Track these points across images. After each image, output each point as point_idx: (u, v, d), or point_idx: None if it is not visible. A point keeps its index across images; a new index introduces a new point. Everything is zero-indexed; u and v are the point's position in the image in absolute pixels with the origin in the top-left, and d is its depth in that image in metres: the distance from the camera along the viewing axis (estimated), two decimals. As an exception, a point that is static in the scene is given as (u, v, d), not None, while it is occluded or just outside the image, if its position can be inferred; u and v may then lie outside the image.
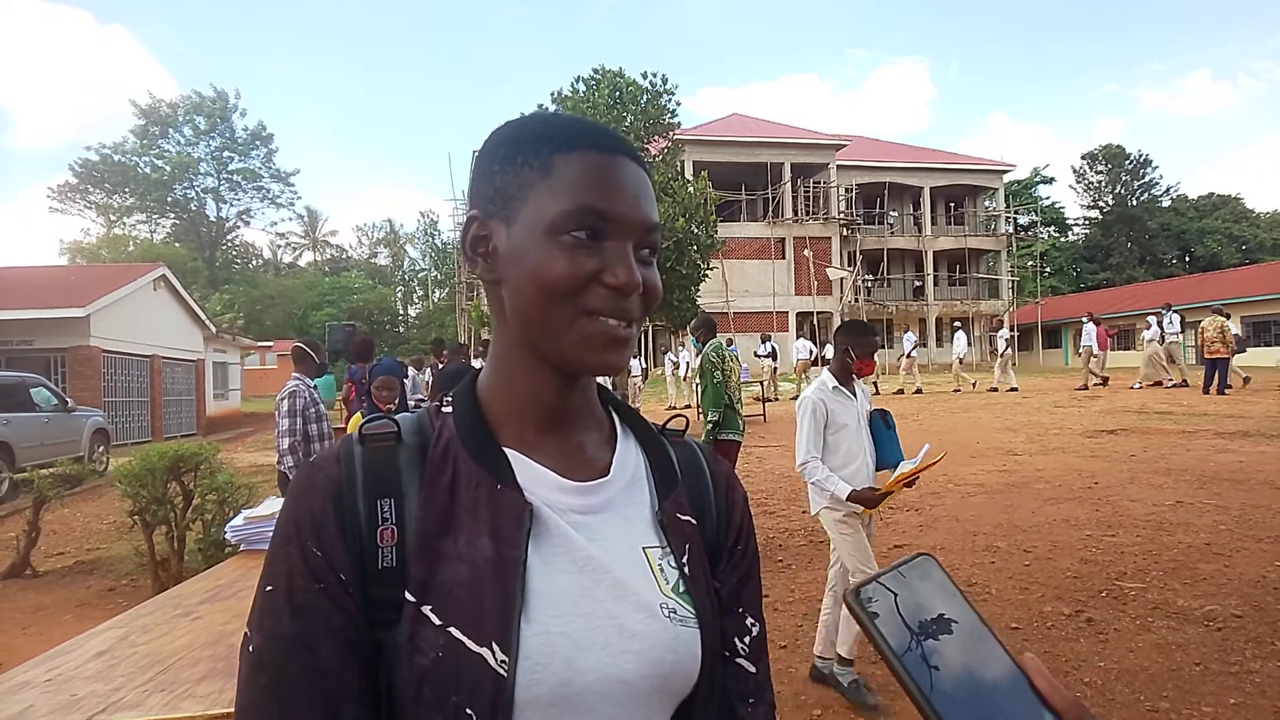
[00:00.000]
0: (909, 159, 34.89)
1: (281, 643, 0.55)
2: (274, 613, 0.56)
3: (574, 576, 0.60)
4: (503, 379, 0.67)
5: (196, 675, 1.60)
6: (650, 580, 0.63)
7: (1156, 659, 3.43)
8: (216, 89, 45.62)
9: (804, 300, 30.16)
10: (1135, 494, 6.49)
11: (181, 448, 5.49)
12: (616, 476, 0.67)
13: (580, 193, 0.61)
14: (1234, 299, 26.32)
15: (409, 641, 0.56)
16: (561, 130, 0.64)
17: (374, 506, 0.59)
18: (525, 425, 0.66)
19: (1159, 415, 11.44)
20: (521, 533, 0.59)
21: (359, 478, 0.60)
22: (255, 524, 2.81)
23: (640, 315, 0.64)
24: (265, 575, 0.58)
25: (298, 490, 0.61)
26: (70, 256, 42.54)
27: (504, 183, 0.64)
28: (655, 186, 4.16)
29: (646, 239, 0.64)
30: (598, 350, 0.62)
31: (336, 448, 0.63)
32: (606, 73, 18.15)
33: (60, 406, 11.81)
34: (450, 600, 0.56)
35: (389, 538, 0.58)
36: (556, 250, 0.60)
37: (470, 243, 0.66)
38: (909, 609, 0.45)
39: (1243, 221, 49.07)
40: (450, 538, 0.59)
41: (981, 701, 0.42)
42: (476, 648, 0.55)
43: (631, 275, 0.61)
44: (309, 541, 0.58)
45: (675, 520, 0.68)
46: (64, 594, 5.45)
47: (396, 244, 60.90)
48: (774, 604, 4.49)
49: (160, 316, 19.10)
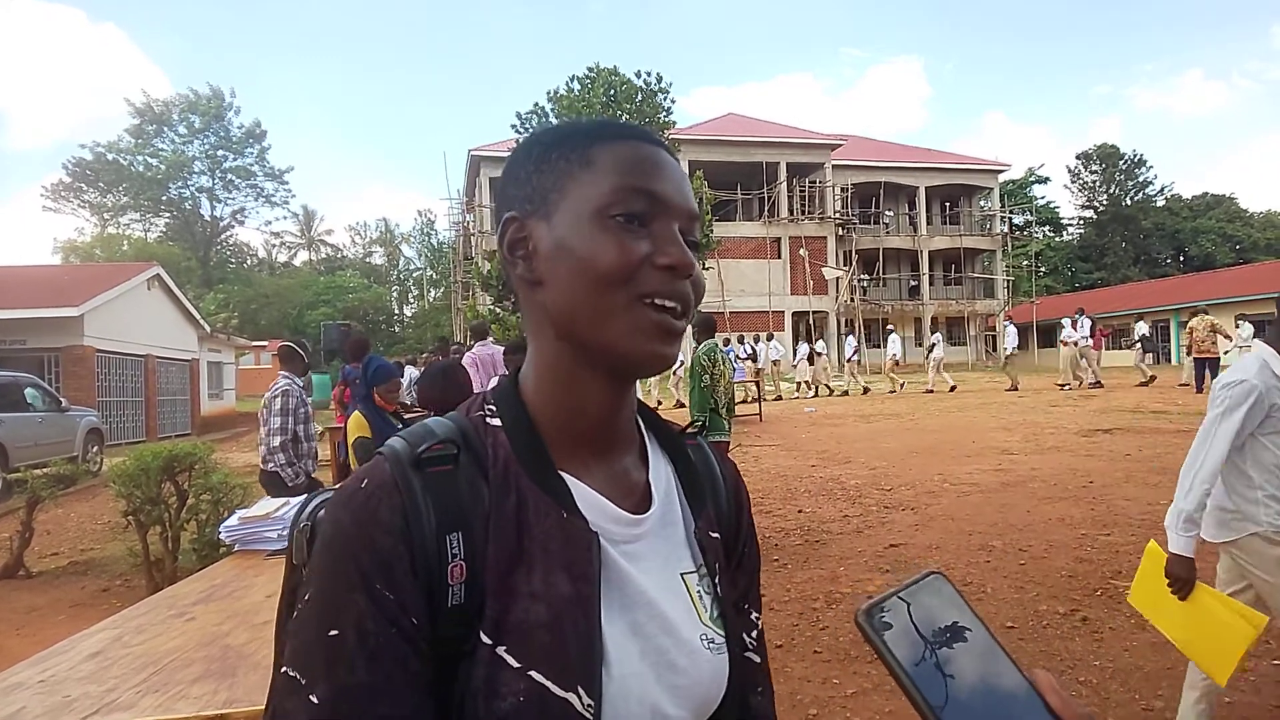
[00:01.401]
0: (904, 159, 34.97)
1: (360, 693, 0.51)
2: (345, 661, 0.51)
3: (631, 613, 0.59)
4: (553, 389, 0.64)
5: (191, 676, 1.59)
6: (691, 611, 0.63)
7: (1152, 657, 3.44)
8: (212, 87, 45.51)
9: (799, 300, 30.19)
10: (1130, 493, 6.51)
11: (176, 448, 5.47)
12: (657, 502, 0.66)
13: (626, 173, 0.60)
14: (1228, 298, 26.42)
15: (485, 685, 0.53)
16: (599, 126, 0.64)
17: (443, 542, 0.55)
18: (580, 445, 0.64)
19: (1154, 415, 11.49)
20: (594, 568, 0.57)
21: (423, 511, 0.56)
22: (250, 524, 2.80)
23: (693, 305, 0.62)
24: (325, 617, 0.53)
25: (352, 524, 0.55)
26: (64, 256, 42.52)
27: (540, 181, 0.62)
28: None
29: (690, 226, 0.63)
30: (651, 340, 0.59)
31: (389, 473, 0.57)
32: (601, 72, 18.18)
33: (54, 406, 11.77)
34: (529, 642, 0.54)
35: (459, 574, 0.55)
36: (604, 235, 0.59)
37: (509, 245, 0.64)
38: (920, 627, 0.45)
39: (1237, 221, 49.32)
40: (522, 572, 0.56)
41: (994, 718, 0.42)
42: (562, 693, 0.53)
43: (684, 254, 0.60)
44: (377, 583, 0.53)
45: (709, 540, 0.68)
46: (58, 594, 5.43)
47: (392, 243, 60.86)
48: (770, 604, 4.48)
49: (154, 316, 19.05)
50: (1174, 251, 49.82)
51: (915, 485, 7.33)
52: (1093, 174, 51.41)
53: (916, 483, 7.44)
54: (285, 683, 0.53)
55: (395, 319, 52.84)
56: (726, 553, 0.71)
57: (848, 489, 7.37)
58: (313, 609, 0.54)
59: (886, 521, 6.10)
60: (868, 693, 3.25)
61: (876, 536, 5.68)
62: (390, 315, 52.21)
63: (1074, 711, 0.43)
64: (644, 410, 0.73)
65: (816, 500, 7.03)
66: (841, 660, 3.59)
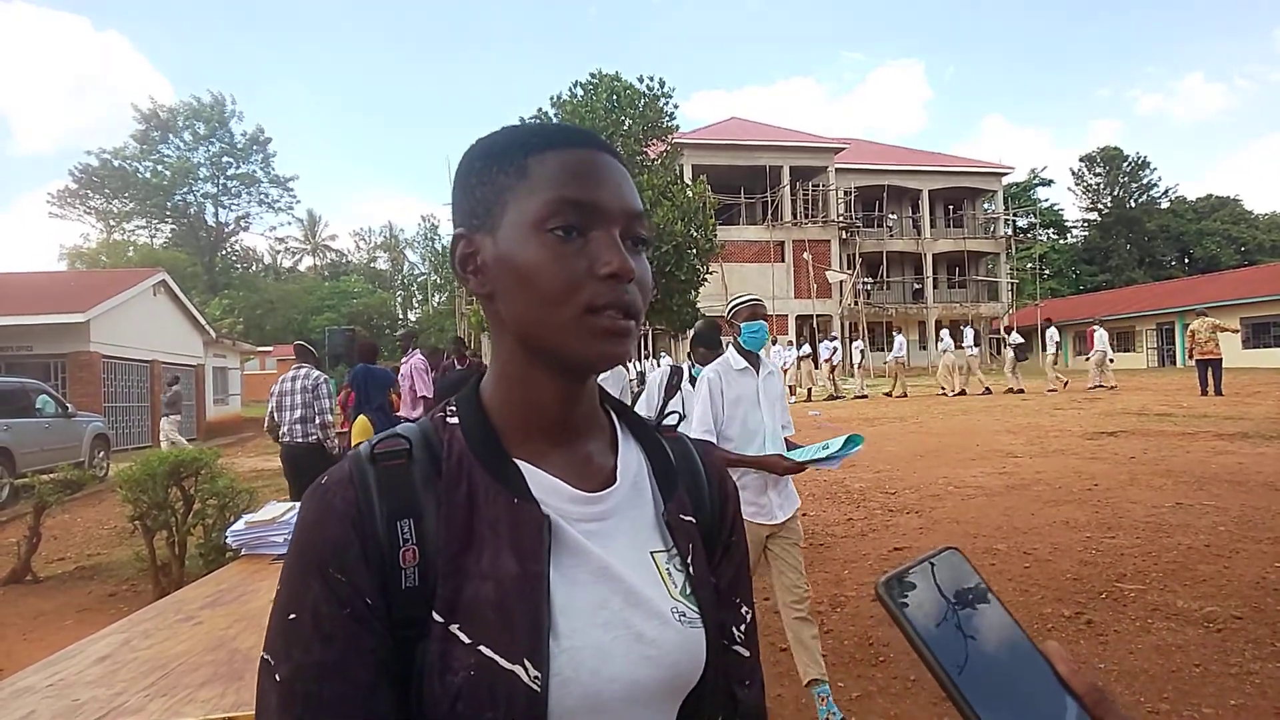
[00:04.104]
0: (907, 162, 34.95)
1: (313, 670, 0.55)
2: (302, 641, 0.56)
3: (591, 588, 0.61)
4: (508, 388, 0.67)
5: (198, 680, 1.60)
6: (660, 586, 0.65)
7: (1156, 660, 3.43)
8: (213, 94, 45.88)
9: (804, 304, 30.18)
10: (1135, 496, 6.49)
11: (182, 453, 5.49)
12: (622, 483, 0.68)
13: (558, 185, 0.61)
14: (1233, 300, 26.35)
15: (439, 660, 0.56)
16: (532, 134, 0.64)
17: (394, 528, 0.59)
18: (534, 435, 0.66)
19: (1158, 417, 11.45)
20: (543, 547, 0.60)
21: (375, 500, 0.60)
22: (256, 529, 2.81)
23: (640, 308, 0.64)
24: (285, 603, 0.58)
25: (311, 516, 0.59)
26: (70, 262, 42.58)
27: (483, 194, 0.64)
28: (654, 190, 4.24)
29: (632, 228, 0.63)
30: (602, 344, 0.61)
31: (347, 469, 0.62)
32: (604, 77, 18.21)
33: (61, 412, 11.81)
34: (478, 619, 0.57)
35: (410, 558, 0.58)
36: (543, 252, 0.60)
37: (460, 260, 0.66)
38: (936, 599, 0.47)
39: (1241, 223, 49.17)
40: (473, 554, 0.59)
41: (1007, 687, 0.44)
42: (509, 665, 0.56)
43: (623, 260, 0.60)
44: (331, 568, 0.57)
45: (679, 522, 0.69)
46: (65, 599, 5.45)
47: (396, 248, 60.98)
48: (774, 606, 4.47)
49: (160, 322, 19.13)
50: (1179, 254, 49.66)
51: (919, 488, 7.31)
52: (1096, 176, 51.31)
53: (921, 486, 7.42)
54: (261, 664, 0.58)
55: (399, 324, 52.88)
56: (709, 541, 0.72)
57: (852, 492, 7.35)
58: (279, 597, 0.58)
59: (891, 525, 6.09)
60: (873, 695, 3.25)
61: (881, 540, 5.67)
62: (394, 320, 52.24)
63: (1082, 679, 0.45)
64: (620, 406, 0.76)
65: (820, 503, 7.02)
66: (846, 664, 3.59)
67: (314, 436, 6.28)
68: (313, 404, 6.28)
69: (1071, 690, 0.45)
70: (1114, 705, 0.43)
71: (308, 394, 6.28)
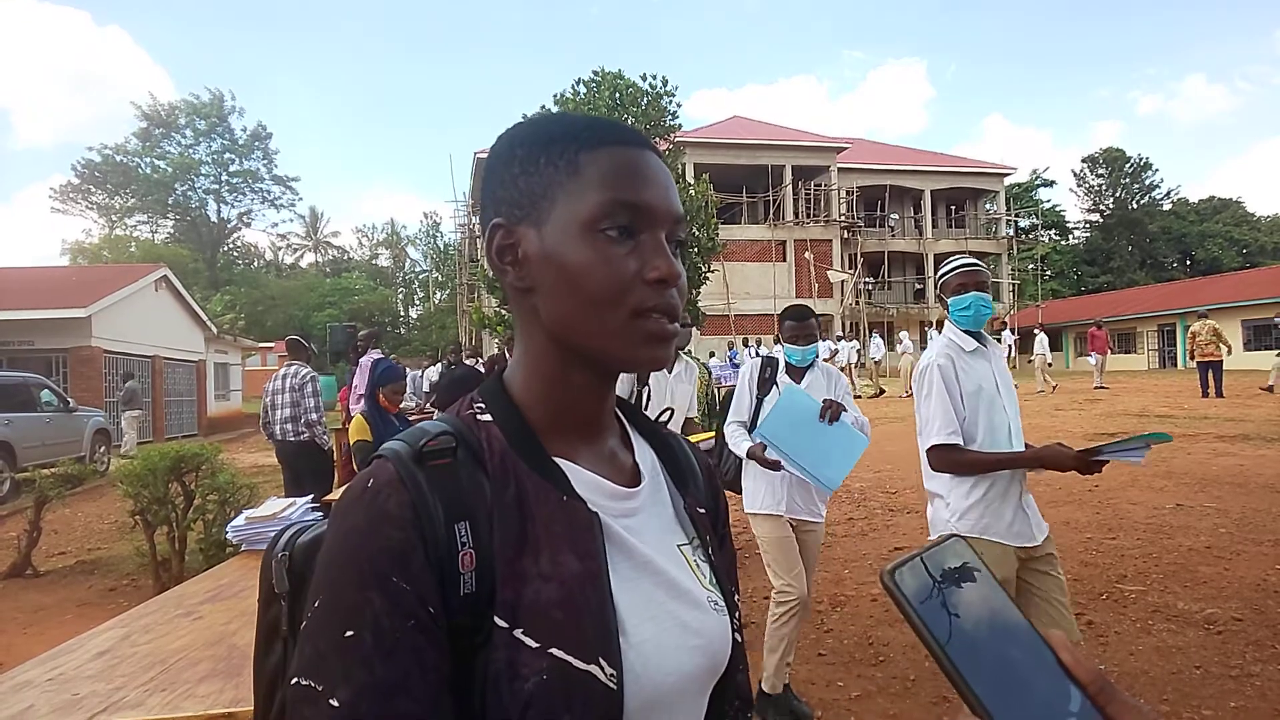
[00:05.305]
0: (910, 161, 34.88)
1: (378, 691, 0.50)
2: (363, 660, 0.51)
3: (638, 581, 0.62)
4: (542, 385, 0.66)
5: (198, 675, 1.60)
6: (691, 576, 0.66)
7: (1157, 662, 3.43)
8: (212, 91, 45.86)
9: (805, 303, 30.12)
10: (1135, 497, 6.49)
11: (183, 448, 5.49)
12: (647, 479, 0.69)
13: (613, 186, 0.60)
14: (1235, 302, 26.30)
15: (507, 668, 0.54)
16: (584, 128, 0.63)
17: (452, 531, 0.56)
18: (568, 433, 0.66)
19: (1159, 419, 11.45)
20: (597, 544, 0.59)
21: (430, 502, 0.56)
22: (257, 524, 2.81)
23: (681, 311, 0.64)
24: (336, 620, 0.53)
25: (361, 522, 0.55)
26: (72, 257, 42.61)
27: (528, 185, 0.62)
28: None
29: (675, 231, 0.63)
30: (649, 348, 0.61)
31: (393, 470, 0.57)
32: (607, 75, 18.17)
33: (62, 407, 11.83)
34: (545, 621, 0.55)
35: (469, 562, 0.56)
36: (594, 253, 0.59)
37: (497, 251, 0.64)
38: (941, 587, 0.47)
39: (1244, 225, 49.08)
40: (529, 555, 0.58)
41: (1012, 674, 0.45)
42: (584, 666, 0.54)
43: (672, 266, 0.61)
44: (394, 576, 0.53)
45: (697, 514, 0.72)
46: (65, 594, 5.46)
47: (398, 245, 60.95)
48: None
49: (162, 317, 19.13)
50: (1180, 255, 49.57)
51: (920, 488, 7.29)
52: (1098, 177, 51.19)
53: (921, 486, 7.41)
54: (299, 693, 0.52)
55: (401, 321, 52.90)
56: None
57: (852, 492, 7.35)
58: (324, 615, 0.53)
59: (891, 525, 6.09)
60: (872, 695, 3.25)
61: (881, 540, 5.67)
62: (396, 317, 52.27)
63: (1085, 668, 0.45)
64: (622, 403, 0.75)
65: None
66: (846, 663, 3.59)
67: (304, 435, 6.34)
68: (300, 402, 6.32)
69: (1075, 678, 0.45)
70: (1117, 693, 0.44)
71: (295, 392, 6.33)
